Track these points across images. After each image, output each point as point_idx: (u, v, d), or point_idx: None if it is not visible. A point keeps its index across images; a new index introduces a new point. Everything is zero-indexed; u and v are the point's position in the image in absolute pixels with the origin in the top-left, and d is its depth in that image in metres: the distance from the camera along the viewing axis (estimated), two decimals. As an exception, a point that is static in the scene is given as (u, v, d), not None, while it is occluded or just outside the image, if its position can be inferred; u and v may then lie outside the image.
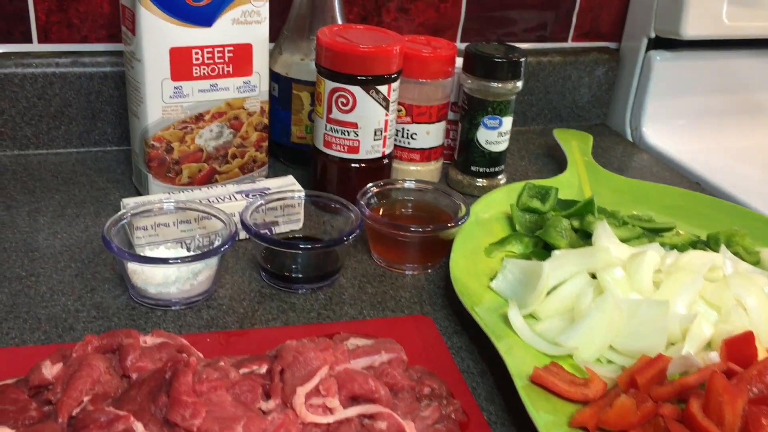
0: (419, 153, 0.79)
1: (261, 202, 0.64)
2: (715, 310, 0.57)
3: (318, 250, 0.61)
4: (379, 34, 0.72)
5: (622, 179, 0.81)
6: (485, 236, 0.69)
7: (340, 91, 0.69)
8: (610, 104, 1.03)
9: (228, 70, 0.69)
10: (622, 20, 1.01)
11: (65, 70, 0.77)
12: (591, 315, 0.54)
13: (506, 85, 0.76)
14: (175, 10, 0.64)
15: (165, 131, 0.68)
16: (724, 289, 0.57)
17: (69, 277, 0.60)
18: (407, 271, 0.66)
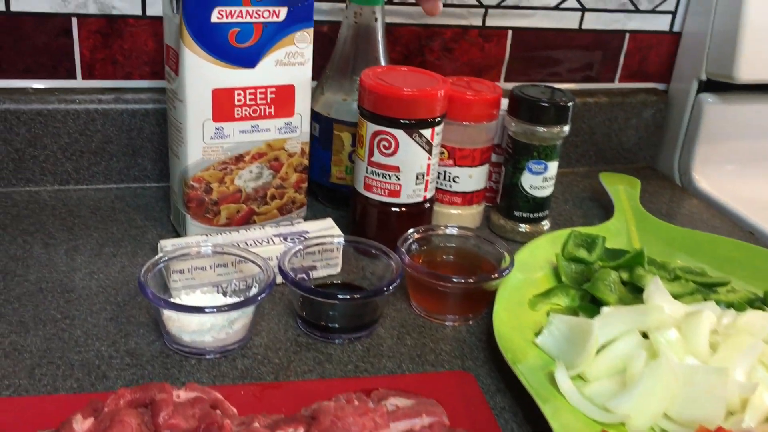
0: (461, 196, 0.77)
1: (299, 248, 0.63)
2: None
3: (357, 301, 0.59)
4: (424, 76, 0.71)
5: (672, 228, 0.78)
6: (529, 287, 0.66)
7: (382, 135, 0.68)
8: (658, 147, 1.01)
9: (270, 111, 0.68)
10: (671, 61, 0.99)
11: (108, 106, 0.77)
12: (644, 380, 0.51)
13: (552, 129, 0.74)
14: (220, 52, 0.64)
15: (205, 172, 0.68)
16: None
17: (104, 321, 0.59)
18: (448, 322, 0.64)
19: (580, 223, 0.83)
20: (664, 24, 0.97)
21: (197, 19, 0.62)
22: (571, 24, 0.93)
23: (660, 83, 1.00)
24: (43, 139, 0.77)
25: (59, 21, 0.75)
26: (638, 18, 0.95)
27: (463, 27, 0.89)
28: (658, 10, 0.95)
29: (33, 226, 0.71)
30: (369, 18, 0.74)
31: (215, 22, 0.63)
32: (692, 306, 0.60)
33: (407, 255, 0.63)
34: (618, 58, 0.97)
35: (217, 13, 0.63)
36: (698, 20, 0.93)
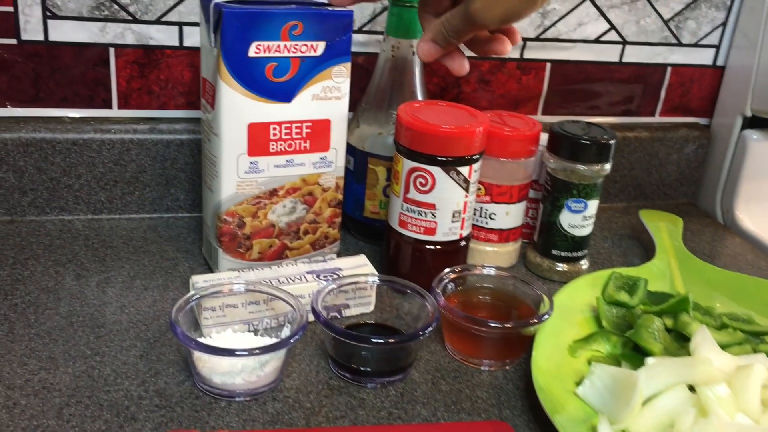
0: (497, 234, 0.75)
1: (333, 287, 0.61)
2: (833, 438, 0.51)
3: (391, 345, 0.57)
4: (462, 112, 0.69)
5: (717, 270, 0.75)
6: (569, 331, 0.64)
7: (419, 171, 0.66)
8: (700, 183, 0.98)
9: (305, 145, 0.67)
10: (714, 96, 0.96)
11: (142, 136, 0.77)
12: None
13: (593, 167, 0.72)
14: (256, 86, 0.63)
15: (238, 206, 0.67)
16: (844, 414, 0.51)
17: (134, 358, 0.58)
18: (484, 366, 0.62)
19: (620, 263, 0.81)
20: (708, 58, 0.94)
21: (235, 54, 0.61)
22: (611, 57, 0.91)
23: (702, 118, 0.98)
24: (77, 168, 0.76)
25: (97, 51, 0.75)
26: (681, 51, 0.93)
27: (501, 59, 0.87)
28: (701, 43, 0.93)
29: (65, 257, 0.71)
30: (406, 51, 0.73)
31: (253, 57, 0.62)
32: (742, 358, 0.57)
33: (442, 296, 0.61)
34: (659, 91, 0.95)
35: (255, 48, 0.62)
36: (743, 54, 0.91)
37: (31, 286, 0.66)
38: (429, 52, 0.59)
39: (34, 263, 0.70)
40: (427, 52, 0.59)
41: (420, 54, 0.60)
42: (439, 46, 0.59)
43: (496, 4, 0.55)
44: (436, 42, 0.59)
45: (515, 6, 0.55)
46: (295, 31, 0.63)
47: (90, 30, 0.75)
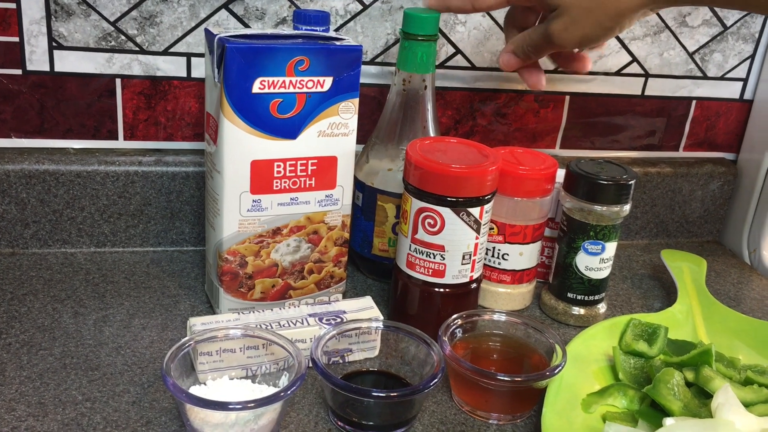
0: (510, 275, 0.72)
1: (334, 333, 0.59)
2: None
3: (393, 399, 0.54)
4: (473, 150, 0.67)
5: (742, 318, 0.71)
6: (583, 383, 0.61)
7: (427, 212, 0.64)
8: (726, 221, 0.94)
9: (310, 183, 0.65)
10: (741, 130, 0.93)
11: (148, 168, 0.76)
12: None
13: (612, 208, 0.69)
14: (260, 123, 0.61)
15: (240, 245, 0.65)
16: None
17: (126, 405, 0.56)
18: (492, 420, 0.58)
19: (639, 306, 0.77)
20: (734, 91, 0.91)
21: (238, 90, 0.60)
22: (633, 90, 0.88)
23: (729, 153, 0.94)
24: (81, 201, 0.75)
25: (103, 82, 0.74)
26: (706, 85, 0.90)
27: (518, 92, 0.85)
28: (728, 77, 0.90)
29: (64, 293, 0.69)
30: (418, 85, 0.71)
31: (257, 93, 0.60)
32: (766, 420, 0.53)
33: (449, 345, 0.58)
34: (683, 126, 0.91)
35: (259, 84, 0.60)
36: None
37: (27, 324, 0.64)
38: (509, 63, 0.65)
39: (32, 299, 0.68)
40: (507, 62, 0.65)
41: (501, 64, 0.65)
42: (518, 57, 0.64)
43: (575, 28, 0.58)
44: (516, 54, 0.64)
45: (593, 31, 0.59)
46: (301, 66, 0.61)
47: (96, 61, 0.73)
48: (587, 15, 0.57)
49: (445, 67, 0.82)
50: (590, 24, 0.58)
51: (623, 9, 0.57)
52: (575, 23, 0.58)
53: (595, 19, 0.57)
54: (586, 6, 0.57)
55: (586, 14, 0.57)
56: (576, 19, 0.58)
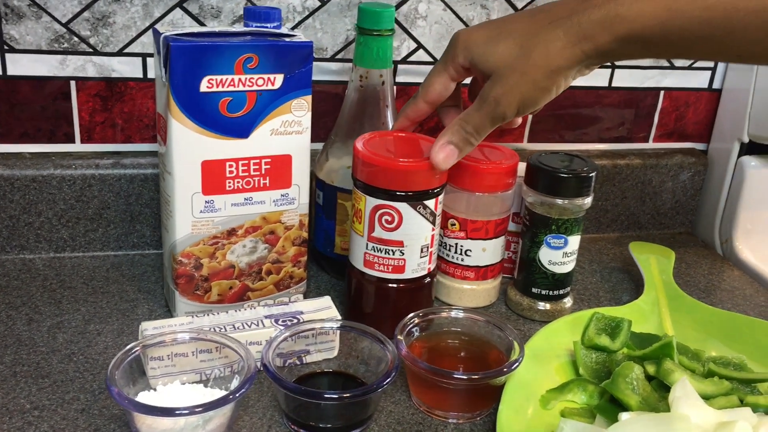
0: (473, 271, 0.71)
1: (286, 335, 0.58)
2: (824, 506, 0.46)
3: (345, 401, 0.53)
4: (422, 142, 0.66)
5: (708, 309, 0.71)
6: (543, 380, 0.60)
7: (384, 209, 0.63)
8: (697, 212, 0.93)
9: (264, 182, 0.64)
10: (710, 120, 0.92)
11: (105, 171, 0.74)
12: None
13: (574, 201, 0.68)
14: (210, 122, 0.60)
15: (194, 247, 0.64)
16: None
17: (74, 413, 0.55)
18: (451, 419, 0.58)
19: (607, 300, 0.77)
20: (703, 81, 0.90)
21: (185, 89, 0.58)
22: (600, 82, 0.87)
23: (699, 143, 0.94)
24: (38, 206, 0.74)
25: (57, 84, 0.73)
26: (674, 75, 0.89)
27: (483, 86, 0.84)
28: (696, 66, 0.89)
29: (20, 299, 0.68)
30: (376, 81, 0.70)
31: (204, 92, 0.59)
32: (725, 413, 0.52)
33: (405, 345, 0.57)
34: (652, 116, 0.91)
35: (207, 83, 0.59)
36: (739, 77, 0.86)
37: (-21, 332, 0.63)
38: (448, 158, 0.59)
39: (-14, 306, 0.67)
40: (446, 157, 0.59)
41: (437, 161, 0.59)
42: (459, 148, 0.59)
43: (512, 93, 0.54)
44: (456, 144, 0.58)
45: (531, 94, 0.54)
46: (250, 64, 0.60)
47: (50, 63, 0.72)
48: (522, 77, 0.54)
49: (407, 62, 0.81)
50: (527, 86, 0.54)
51: (556, 68, 0.53)
52: (513, 87, 0.54)
53: (531, 80, 0.54)
54: (521, 69, 0.54)
55: (521, 77, 0.54)
56: (513, 83, 0.54)
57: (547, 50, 0.52)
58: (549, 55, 0.52)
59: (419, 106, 0.63)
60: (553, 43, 0.52)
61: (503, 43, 0.55)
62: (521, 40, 0.54)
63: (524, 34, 0.54)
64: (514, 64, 0.54)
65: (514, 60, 0.54)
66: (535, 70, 0.53)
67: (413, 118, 0.64)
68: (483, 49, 0.56)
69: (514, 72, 0.54)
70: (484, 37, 0.56)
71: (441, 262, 0.72)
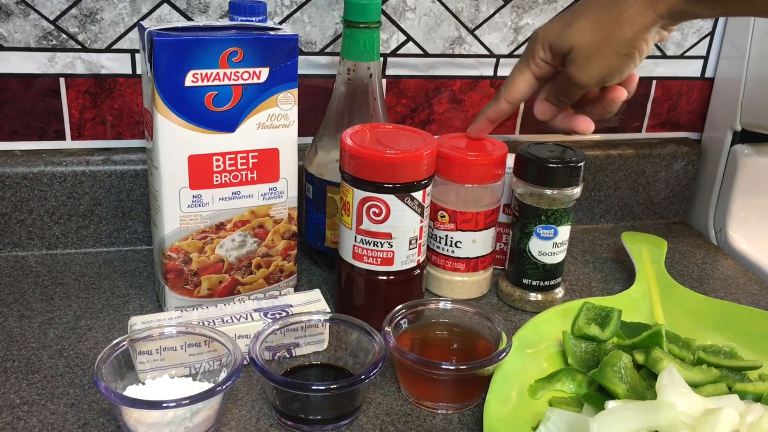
0: (464, 263, 0.71)
1: (274, 328, 0.58)
2: (809, 491, 0.46)
3: (332, 392, 0.53)
4: (409, 134, 0.66)
5: (700, 298, 0.70)
6: (532, 370, 0.60)
7: (371, 201, 0.63)
8: (691, 201, 0.93)
9: (252, 176, 0.64)
10: (703, 109, 0.92)
11: (95, 168, 0.75)
12: (647, 498, 0.44)
13: (563, 191, 0.68)
14: (195, 117, 0.60)
15: (183, 242, 0.64)
16: (822, 465, 0.46)
17: (63, 407, 0.55)
18: (440, 410, 0.58)
19: (599, 290, 0.76)
20: (695, 70, 0.90)
21: (170, 84, 0.59)
22: (591, 72, 0.87)
23: (693, 132, 0.93)
24: (29, 203, 0.74)
25: (47, 82, 0.73)
26: (666, 64, 0.88)
27: (473, 77, 0.84)
28: (687, 55, 0.89)
29: (12, 296, 0.69)
30: (363, 74, 0.70)
31: (189, 86, 0.59)
32: (712, 400, 0.52)
33: (393, 337, 0.57)
34: (645, 106, 0.90)
35: (192, 77, 0.59)
36: (732, 66, 0.86)
37: (-30, 329, 0.64)
38: (543, 111, 0.64)
39: (-22, 304, 0.67)
40: (542, 110, 0.64)
41: (536, 113, 0.64)
42: (551, 104, 0.63)
43: (590, 66, 0.57)
44: (549, 101, 0.63)
45: (611, 63, 0.57)
46: (235, 57, 0.60)
47: (38, 60, 0.72)
48: (599, 50, 0.56)
49: (396, 55, 0.81)
50: (605, 58, 0.57)
51: (631, 36, 0.56)
52: (590, 61, 0.57)
53: (609, 51, 0.56)
54: (597, 42, 0.56)
55: (598, 50, 0.56)
56: (589, 57, 0.57)
57: (620, 19, 0.55)
58: (623, 23, 0.55)
59: (501, 107, 0.65)
60: (626, 12, 0.55)
61: (577, 23, 0.57)
62: (594, 16, 0.56)
63: (597, 9, 0.56)
64: (590, 40, 0.56)
65: (590, 36, 0.56)
66: (612, 42, 0.56)
67: (494, 119, 0.67)
68: (560, 34, 0.58)
69: (590, 47, 0.57)
70: (560, 24, 0.59)
71: (431, 254, 0.72)
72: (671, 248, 0.86)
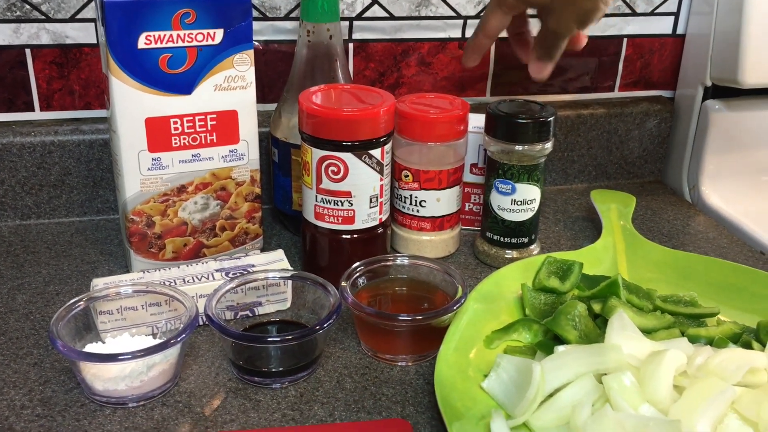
0: (430, 222, 0.72)
1: (230, 287, 0.59)
2: (752, 426, 0.47)
3: (286, 343, 0.54)
4: (366, 93, 0.66)
5: (664, 250, 0.71)
6: (489, 321, 0.60)
7: (329, 159, 0.63)
8: (666, 159, 0.93)
9: (211, 138, 0.64)
10: (677, 66, 0.91)
11: (64, 138, 0.75)
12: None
13: (534, 147, 0.68)
14: (150, 79, 0.61)
15: (144, 205, 0.64)
16: (763, 399, 0.47)
17: (26, 366, 0.56)
18: (400, 362, 0.58)
19: (568, 247, 0.77)
20: (667, 27, 0.89)
21: (122, 46, 0.59)
22: (560, 31, 0.86)
23: (667, 90, 0.93)
24: (0, 174, 0.75)
25: (13, 53, 0.74)
26: (637, 21, 0.88)
27: (441, 40, 0.84)
28: (658, 12, 0.88)
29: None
30: (323, 36, 0.70)
31: (143, 48, 0.60)
32: (661, 343, 0.53)
33: (350, 293, 0.58)
34: (617, 65, 0.90)
35: (145, 39, 0.59)
36: (701, 21, 0.85)
37: (-60, 296, 0.65)
38: (541, 70, 0.68)
39: (-51, 272, 0.68)
40: (539, 69, 0.68)
41: (534, 74, 0.68)
42: (545, 61, 0.68)
43: (567, 14, 0.63)
44: (542, 59, 0.68)
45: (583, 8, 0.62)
46: (188, 19, 0.60)
47: (3, 32, 0.73)
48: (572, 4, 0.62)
49: (362, 18, 0.81)
50: (572, 7, 0.62)
51: None
52: (565, 10, 0.62)
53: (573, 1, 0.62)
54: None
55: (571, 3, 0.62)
56: (563, 6, 0.62)
57: None
58: None
59: (480, 41, 0.70)
60: None
61: None
62: None
63: None
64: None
65: None
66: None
67: (479, 51, 0.71)
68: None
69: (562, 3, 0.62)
70: None
71: (398, 214, 0.73)
72: (644, 206, 0.86)
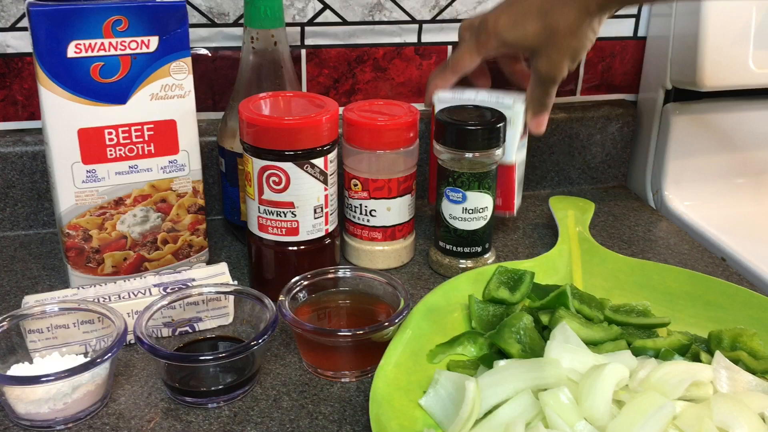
0: (381, 231, 0.70)
1: (163, 303, 0.56)
2: (694, 444, 0.45)
3: (219, 361, 0.52)
4: (308, 101, 0.64)
5: (621, 259, 0.69)
6: (434, 334, 0.58)
7: (270, 170, 0.61)
8: (629, 164, 0.91)
9: (149, 149, 0.63)
10: (639, 70, 0.90)
11: (7, 150, 0.73)
12: (517, 456, 0.43)
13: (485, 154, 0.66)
14: (81, 89, 0.59)
15: (80, 218, 0.62)
16: (705, 415, 0.45)
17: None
18: (344, 378, 0.56)
19: (524, 255, 0.75)
20: (628, 29, 0.88)
21: (50, 56, 0.57)
22: (519, 35, 0.85)
23: (629, 94, 0.91)
24: (-60, 188, 0.73)
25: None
26: (597, 24, 0.86)
27: (397, 45, 0.82)
28: (619, 14, 0.87)
29: None
30: (268, 42, 0.68)
31: (73, 57, 0.58)
32: (604, 356, 0.51)
33: (289, 308, 0.56)
34: (578, 68, 0.88)
35: (74, 48, 0.58)
36: (661, 23, 0.84)
37: None
38: (539, 124, 0.70)
39: None
40: (537, 124, 0.70)
41: (535, 130, 0.70)
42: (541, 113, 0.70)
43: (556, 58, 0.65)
44: (537, 112, 0.69)
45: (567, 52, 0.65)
46: (120, 26, 0.58)
47: (-60, 42, 0.71)
48: (558, 48, 0.64)
49: (314, 24, 0.79)
50: (565, 51, 0.64)
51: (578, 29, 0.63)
52: (556, 57, 0.65)
53: (566, 45, 0.64)
54: (553, 43, 0.64)
55: (558, 48, 0.64)
56: (553, 54, 0.65)
57: (567, 20, 0.63)
58: (569, 23, 0.63)
59: (448, 77, 0.71)
60: (569, 12, 0.62)
61: (529, 25, 0.64)
62: (542, 19, 0.64)
63: (542, 11, 0.64)
64: (547, 41, 0.64)
65: (545, 38, 0.64)
66: (564, 39, 0.64)
67: (442, 86, 0.71)
68: (514, 35, 0.66)
69: (548, 47, 0.64)
70: (510, 22, 0.66)
71: (349, 224, 0.71)
72: (606, 212, 0.85)
